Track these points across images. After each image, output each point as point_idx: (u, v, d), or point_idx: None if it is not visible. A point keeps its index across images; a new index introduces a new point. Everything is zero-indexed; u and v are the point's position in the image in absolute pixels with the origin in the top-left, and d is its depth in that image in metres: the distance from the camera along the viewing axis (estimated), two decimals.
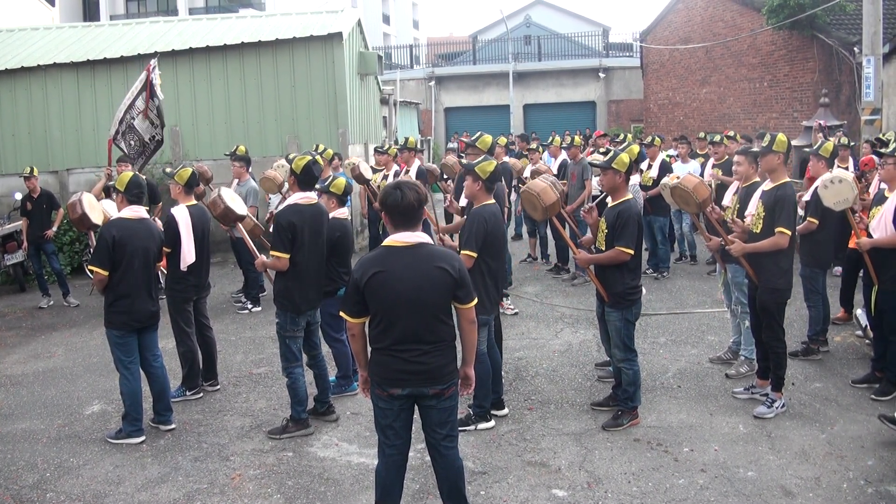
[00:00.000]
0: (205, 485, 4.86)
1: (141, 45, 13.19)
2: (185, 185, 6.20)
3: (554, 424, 5.55)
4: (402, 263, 3.65)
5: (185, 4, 39.83)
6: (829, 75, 16.09)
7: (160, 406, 5.72)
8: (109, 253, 5.33)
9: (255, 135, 12.78)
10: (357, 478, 4.86)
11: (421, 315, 3.67)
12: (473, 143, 6.28)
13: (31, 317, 9.64)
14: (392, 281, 3.63)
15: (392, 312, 3.66)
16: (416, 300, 3.64)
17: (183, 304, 6.23)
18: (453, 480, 3.94)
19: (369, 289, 3.65)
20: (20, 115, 12.90)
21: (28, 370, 7.41)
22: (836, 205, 6.16)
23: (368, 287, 3.65)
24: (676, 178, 6.54)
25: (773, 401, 5.60)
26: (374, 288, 3.64)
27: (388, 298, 3.64)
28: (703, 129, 18.48)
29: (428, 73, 33.40)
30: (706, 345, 7.26)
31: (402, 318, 3.66)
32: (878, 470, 4.72)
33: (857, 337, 7.21)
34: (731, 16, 19.66)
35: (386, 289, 3.63)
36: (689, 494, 4.50)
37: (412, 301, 3.64)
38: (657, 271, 10.25)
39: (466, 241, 5.14)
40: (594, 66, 31.66)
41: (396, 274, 3.63)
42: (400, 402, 3.77)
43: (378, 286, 3.64)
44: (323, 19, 13.81)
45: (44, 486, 4.93)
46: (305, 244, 5.40)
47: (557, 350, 7.28)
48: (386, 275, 3.63)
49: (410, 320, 3.66)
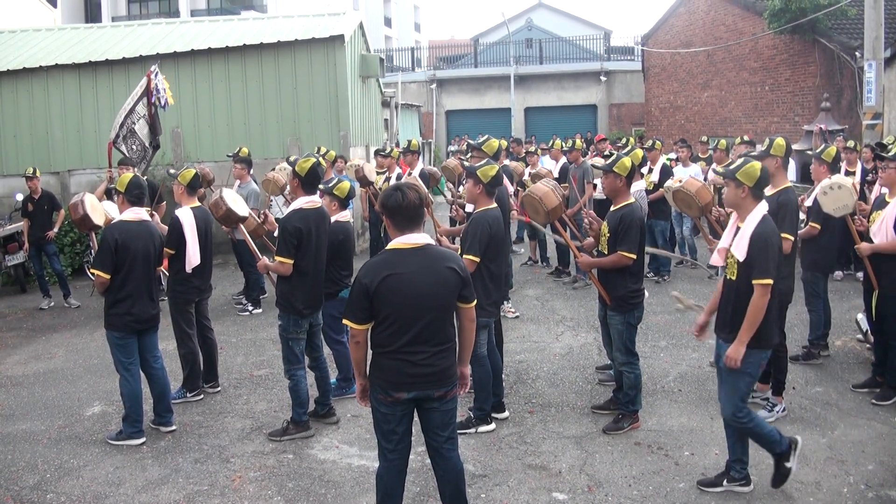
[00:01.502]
0: (205, 486, 4.86)
1: (143, 47, 13.22)
2: (187, 186, 6.21)
3: (554, 428, 5.55)
4: (414, 265, 3.63)
5: (187, 6, 39.92)
6: (831, 80, 16.11)
7: (161, 407, 5.73)
8: (112, 256, 5.33)
9: (256, 137, 12.80)
10: (357, 480, 4.86)
11: (435, 316, 3.67)
12: (480, 146, 6.27)
13: (32, 318, 9.64)
14: (407, 283, 3.60)
15: (406, 315, 3.63)
16: (432, 301, 3.63)
17: (185, 306, 6.23)
18: (454, 483, 3.94)
19: (381, 292, 3.60)
20: (22, 116, 12.92)
21: (29, 371, 7.41)
22: (835, 211, 6.17)
23: (380, 291, 3.60)
24: (679, 181, 6.55)
25: (774, 405, 5.60)
26: (386, 291, 3.60)
27: (403, 301, 3.61)
28: (704, 132, 18.51)
29: (429, 75, 33.43)
30: (707, 349, 7.25)
31: (417, 319, 3.63)
32: (879, 475, 4.72)
33: (857, 341, 7.21)
34: (733, 20, 19.69)
35: (400, 291, 3.60)
36: (690, 498, 4.50)
37: (429, 302, 3.63)
38: (658, 275, 10.25)
39: (470, 245, 5.14)
40: (595, 70, 31.67)
41: (411, 276, 3.60)
42: (403, 406, 3.76)
43: (391, 289, 3.60)
44: (325, 22, 13.83)
45: (44, 487, 4.93)
46: (310, 249, 5.41)
47: (558, 353, 7.28)
48: (399, 277, 3.60)
49: (425, 322, 3.65)
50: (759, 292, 4.20)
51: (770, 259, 4.20)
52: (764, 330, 4.29)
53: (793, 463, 4.43)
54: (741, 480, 4.50)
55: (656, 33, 24.35)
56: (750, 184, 4.29)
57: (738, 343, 4.25)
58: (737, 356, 4.24)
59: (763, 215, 4.30)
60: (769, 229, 4.26)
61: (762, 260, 4.19)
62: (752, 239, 4.23)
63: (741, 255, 4.27)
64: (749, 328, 4.23)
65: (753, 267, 4.22)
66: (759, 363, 4.37)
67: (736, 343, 4.26)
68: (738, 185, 4.32)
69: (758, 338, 4.27)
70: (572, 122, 30.33)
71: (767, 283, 4.19)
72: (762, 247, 4.20)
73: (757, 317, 4.22)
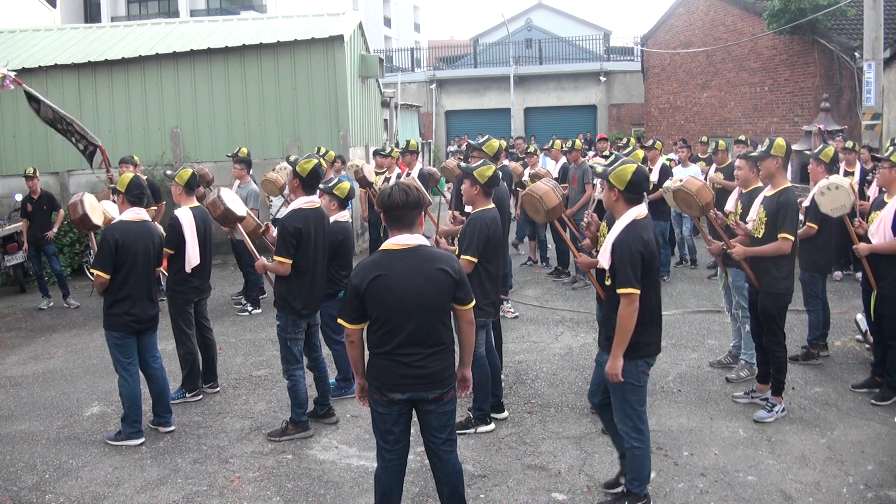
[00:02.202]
0: (204, 487, 4.85)
1: (142, 47, 13.22)
2: (185, 185, 6.21)
3: (554, 428, 5.55)
4: (403, 266, 3.63)
5: (187, 6, 39.95)
6: (830, 80, 16.10)
7: (159, 408, 5.72)
8: (112, 256, 5.33)
9: (255, 137, 12.80)
10: (356, 480, 4.86)
11: (425, 318, 3.66)
12: (480, 146, 6.27)
13: (31, 318, 9.63)
14: (395, 284, 3.60)
15: (396, 316, 3.63)
16: (421, 303, 3.63)
17: (184, 306, 6.23)
18: (453, 484, 3.93)
19: (370, 293, 3.62)
20: (21, 117, 12.89)
21: (28, 371, 7.41)
22: (832, 211, 6.18)
23: (369, 291, 3.62)
24: (679, 181, 6.55)
25: (774, 405, 5.60)
26: (375, 292, 3.62)
27: (392, 302, 3.62)
28: (703, 133, 18.50)
29: (429, 76, 33.42)
30: (706, 349, 7.26)
31: (406, 321, 3.63)
32: (878, 475, 4.72)
33: (857, 342, 7.21)
34: (732, 20, 19.68)
35: (389, 292, 3.61)
36: (689, 499, 4.50)
37: (417, 304, 3.62)
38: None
39: (467, 246, 5.13)
40: (595, 70, 31.67)
41: (399, 277, 3.61)
42: (399, 406, 3.76)
43: (380, 290, 3.61)
44: (324, 22, 13.83)
45: (43, 487, 4.93)
46: (309, 249, 5.41)
47: (557, 353, 7.28)
48: (388, 278, 3.61)
49: (415, 324, 3.64)
50: (623, 302, 4.00)
51: (631, 267, 3.97)
52: (638, 339, 4.08)
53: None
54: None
55: (656, 34, 24.34)
56: (620, 187, 4.10)
57: (612, 358, 4.07)
58: (614, 371, 4.07)
59: (630, 222, 4.07)
60: (632, 236, 4.02)
61: (622, 268, 3.99)
62: (614, 246, 4.06)
63: (605, 263, 4.13)
64: (620, 341, 4.03)
65: (616, 276, 4.06)
66: (638, 372, 4.15)
67: (611, 358, 4.08)
68: (611, 188, 4.16)
69: (633, 347, 4.07)
70: (572, 123, 30.33)
71: (631, 293, 3.97)
72: (621, 255, 4.00)
73: (626, 328, 4.01)
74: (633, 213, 4.12)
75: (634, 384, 4.16)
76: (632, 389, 4.17)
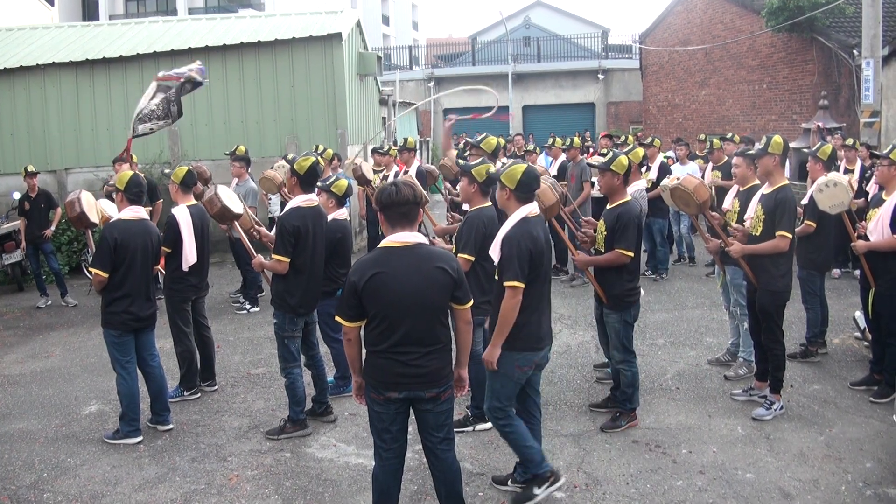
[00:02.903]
0: (202, 485, 4.85)
1: (140, 45, 13.19)
2: (181, 183, 6.19)
3: (552, 426, 5.54)
4: (402, 264, 3.63)
5: (185, 4, 39.86)
6: (829, 78, 16.11)
7: (158, 406, 5.72)
8: (111, 255, 5.32)
9: (253, 135, 12.78)
10: (355, 479, 4.86)
11: (423, 316, 3.66)
12: (478, 143, 6.26)
13: (29, 316, 9.62)
14: (393, 282, 3.60)
15: (393, 314, 3.63)
16: (419, 301, 3.62)
17: (181, 304, 6.22)
18: (451, 483, 3.93)
19: (368, 291, 3.61)
20: (19, 115, 12.89)
21: (26, 370, 7.40)
22: (831, 208, 6.18)
23: (367, 289, 3.61)
24: (677, 179, 6.54)
25: (772, 403, 5.60)
26: (373, 290, 3.61)
27: (389, 300, 3.61)
28: (702, 131, 18.52)
29: (427, 74, 33.38)
30: (705, 346, 7.26)
31: (404, 319, 3.63)
32: (877, 472, 4.72)
33: (855, 339, 7.22)
34: (731, 18, 19.68)
35: (386, 290, 3.60)
36: (688, 496, 4.50)
37: (415, 302, 3.62)
38: (656, 273, 10.25)
39: (464, 245, 5.12)
40: (593, 68, 31.65)
41: (397, 275, 3.60)
42: (396, 405, 3.76)
43: (378, 288, 3.61)
44: (322, 20, 13.81)
45: (41, 486, 4.92)
46: (307, 247, 5.40)
47: (556, 351, 7.26)
48: (385, 276, 3.60)
49: (412, 322, 3.64)
50: (507, 294, 4.14)
51: (517, 262, 4.12)
52: (519, 332, 4.21)
53: (543, 494, 4.34)
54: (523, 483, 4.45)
55: (654, 31, 24.34)
56: (512, 186, 4.24)
57: (491, 346, 4.23)
58: (490, 359, 4.22)
59: (521, 219, 4.23)
60: (521, 232, 4.17)
61: (509, 262, 4.14)
62: (503, 241, 4.21)
63: (496, 257, 4.27)
64: (500, 331, 4.17)
65: (503, 269, 4.20)
66: (514, 364, 4.26)
67: (490, 346, 4.24)
68: (502, 187, 4.30)
69: (512, 340, 4.20)
70: (570, 121, 30.31)
71: (514, 286, 4.11)
72: (509, 249, 4.15)
73: (507, 319, 4.14)
74: (523, 210, 4.27)
75: (509, 376, 4.28)
76: (503, 380, 4.29)
